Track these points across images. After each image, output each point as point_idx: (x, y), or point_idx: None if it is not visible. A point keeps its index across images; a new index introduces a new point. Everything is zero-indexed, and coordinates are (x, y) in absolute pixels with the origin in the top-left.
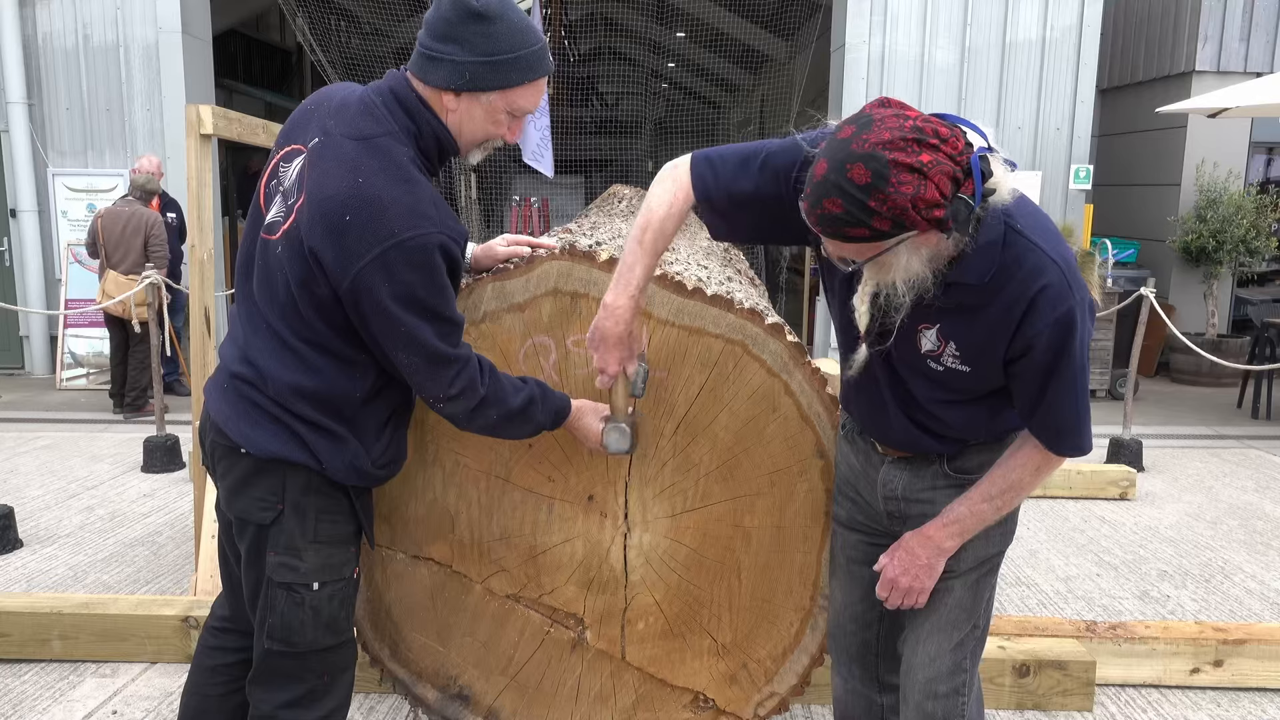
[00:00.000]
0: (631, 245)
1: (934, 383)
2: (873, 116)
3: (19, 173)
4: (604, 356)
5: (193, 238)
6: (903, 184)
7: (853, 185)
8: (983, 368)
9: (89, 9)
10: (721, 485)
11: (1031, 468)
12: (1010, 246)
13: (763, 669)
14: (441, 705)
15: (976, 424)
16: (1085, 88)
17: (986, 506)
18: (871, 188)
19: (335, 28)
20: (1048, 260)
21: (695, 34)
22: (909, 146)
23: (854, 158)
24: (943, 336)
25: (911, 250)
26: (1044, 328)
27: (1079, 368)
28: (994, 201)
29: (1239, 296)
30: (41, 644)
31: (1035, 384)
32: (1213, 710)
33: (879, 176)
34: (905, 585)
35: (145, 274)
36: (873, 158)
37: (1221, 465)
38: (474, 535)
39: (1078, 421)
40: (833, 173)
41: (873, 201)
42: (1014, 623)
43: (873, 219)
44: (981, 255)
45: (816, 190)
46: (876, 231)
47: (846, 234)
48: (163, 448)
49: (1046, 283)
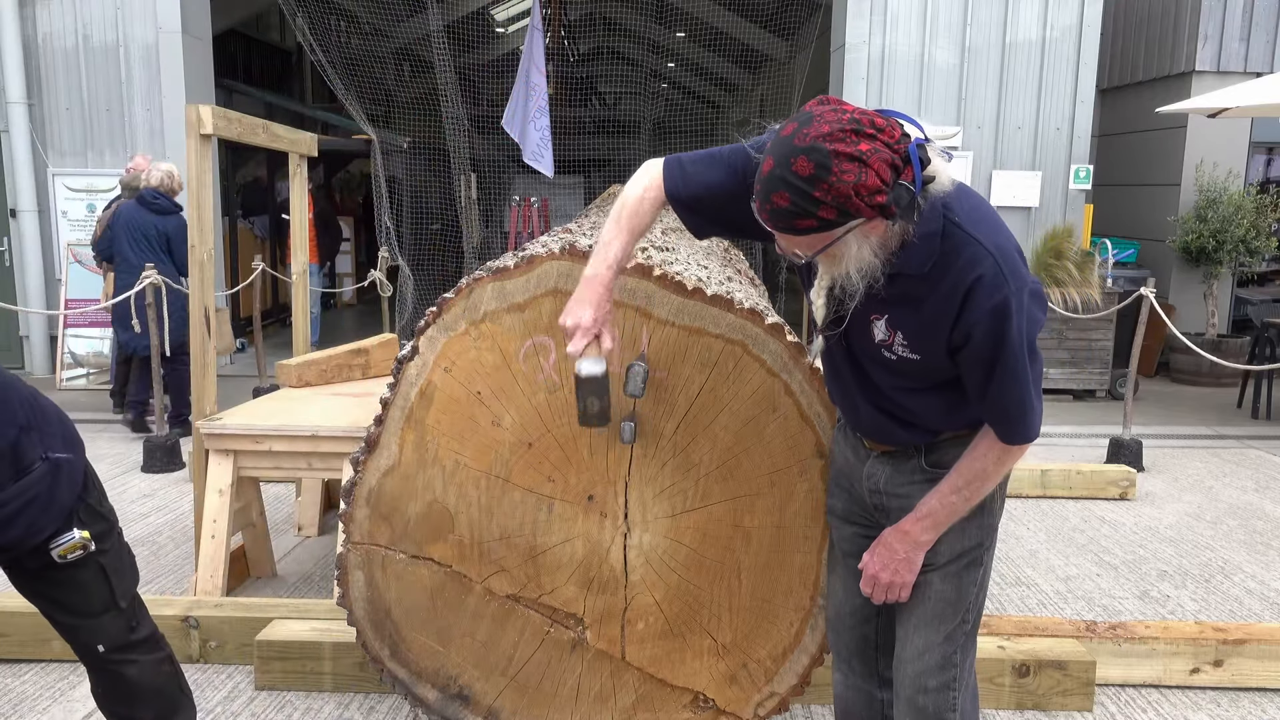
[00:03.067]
0: (609, 225)
1: (890, 371)
2: (812, 113)
3: (19, 173)
4: (577, 313)
5: (193, 238)
6: (845, 173)
7: (797, 178)
8: (931, 356)
9: (89, 9)
10: (721, 485)
11: (993, 457)
12: (948, 238)
13: (763, 669)
14: (441, 705)
15: (937, 412)
16: (1085, 88)
17: (956, 498)
18: (815, 178)
19: (335, 28)
20: (984, 251)
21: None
22: (848, 137)
23: (796, 151)
24: (891, 326)
25: (860, 239)
26: (980, 317)
27: (1019, 356)
28: (933, 189)
29: (1239, 296)
30: (41, 644)
31: (980, 373)
32: (1213, 710)
33: (821, 167)
34: (886, 580)
35: (145, 274)
36: (814, 150)
37: (1221, 465)
38: (474, 535)
39: (1023, 409)
40: (778, 168)
41: (817, 192)
42: (1014, 623)
43: (819, 209)
44: (921, 246)
45: (765, 186)
46: (824, 221)
47: (796, 226)
48: (163, 448)
49: (981, 273)
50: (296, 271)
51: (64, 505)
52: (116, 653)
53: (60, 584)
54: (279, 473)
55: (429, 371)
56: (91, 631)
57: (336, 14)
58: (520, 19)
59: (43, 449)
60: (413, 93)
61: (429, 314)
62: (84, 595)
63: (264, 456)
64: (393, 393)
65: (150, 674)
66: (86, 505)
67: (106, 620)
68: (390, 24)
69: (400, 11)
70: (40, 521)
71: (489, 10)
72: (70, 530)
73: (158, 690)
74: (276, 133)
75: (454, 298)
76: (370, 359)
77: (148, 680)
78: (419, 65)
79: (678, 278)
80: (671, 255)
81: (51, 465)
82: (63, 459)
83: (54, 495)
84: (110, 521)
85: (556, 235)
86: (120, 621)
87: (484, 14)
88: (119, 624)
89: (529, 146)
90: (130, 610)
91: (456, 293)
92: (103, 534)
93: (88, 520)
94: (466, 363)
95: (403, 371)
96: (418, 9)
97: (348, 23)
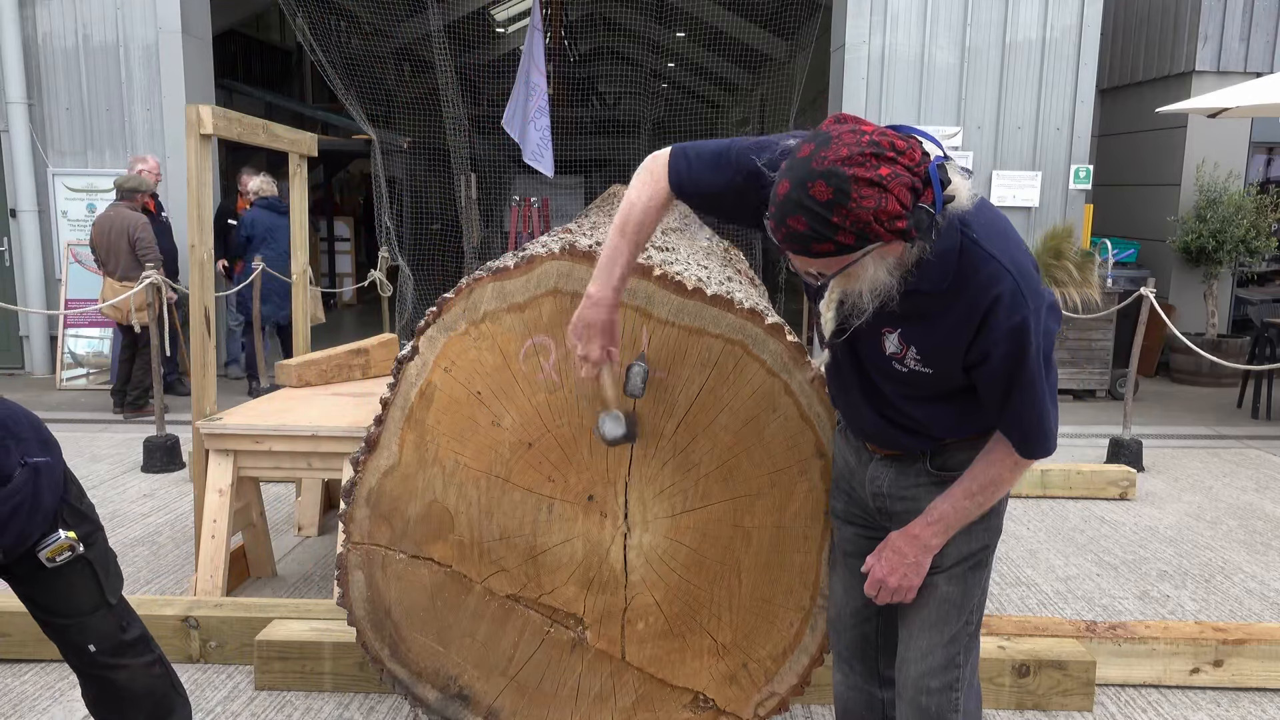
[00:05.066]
0: (613, 237)
1: (900, 382)
2: (830, 134)
3: (19, 173)
4: (587, 345)
5: (193, 238)
6: (864, 199)
7: (815, 203)
8: (944, 370)
9: (89, 9)
10: (721, 485)
11: (1009, 464)
12: (966, 254)
13: (763, 669)
14: (441, 705)
15: (945, 422)
16: (1085, 88)
17: (969, 503)
18: (834, 204)
19: (335, 28)
20: (1002, 270)
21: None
22: (868, 161)
23: (814, 175)
24: (904, 341)
25: (877, 261)
26: (999, 337)
27: (1037, 374)
28: (953, 208)
29: (1239, 296)
30: (41, 644)
31: (997, 390)
32: (1213, 710)
33: (840, 193)
34: (894, 585)
35: (145, 275)
36: (833, 174)
37: (1221, 465)
38: (474, 535)
39: (1041, 426)
40: (795, 190)
41: (835, 217)
42: (1014, 623)
43: (837, 234)
44: (938, 263)
45: (781, 209)
46: (841, 246)
47: (812, 249)
48: (163, 448)
49: (1000, 292)
50: (296, 271)
51: (48, 508)
52: (107, 655)
53: (51, 587)
54: (279, 473)
55: (429, 371)
56: (82, 630)
57: (336, 14)
58: (520, 19)
59: (20, 455)
60: (413, 93)
61: (429, 314)
62: (74, 595)
63: (264, 456)
64: (393, 393)
65: (141, 678)
66: (69, 506)
67: (97, 619)
68: (390, 24)
69: (400, 11)
70: (28, 528)
71: (489, 10)
72: (56, 532)
73: (149, 692)
74: (276, 133)
75: (454, 298)
76: (370, 359)
77: (139, 684)
78: (419, 65)
79: (678, 278)
80: (671, 255)
81: (31, 471)
82: (41, 463)
83: (38, 500)
84: (93, 520)
85: (556, 235)
86: (111, 620)
87: (484, 14)
88: (110, 623)
89: (529, 146)
90: (120, 608)
91: (456, 293)
92: (88, 533)
93: (72, 521)
94: (466, 363)
95: (403, 371)
96: (418, 9)
97: (348, 23)
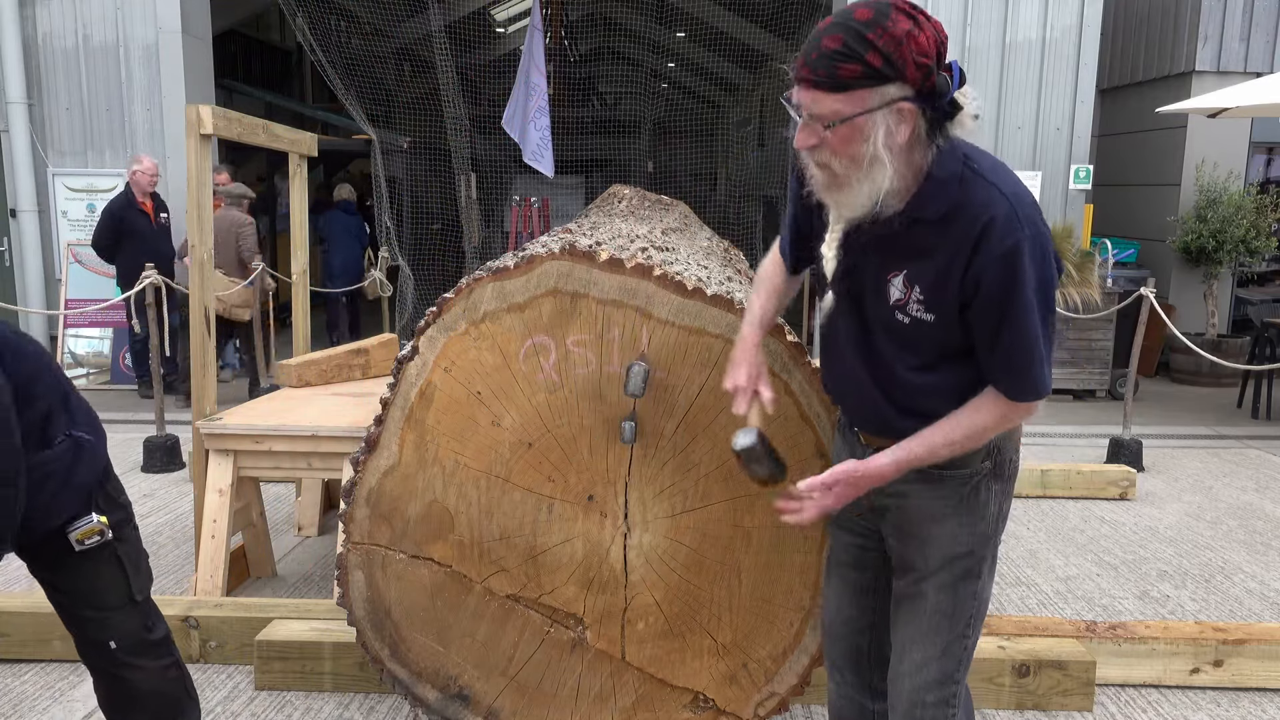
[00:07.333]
0: (750, 295)
1: (900, 340)
2: None
3: (19, 173)
4: (732, 374)
5: (192, 238)
6: (899, 23)
7: (855, 20)
8: (944, 314)
9: (89, 9)
10: (721, 485)
11: (997, 414)
12: (966, 183)
13: (763, 669)
14: (441, 705)
15: (941, 394)
16: (1085, 88)
17: (946, 451)
18: (873, 22)
19: (335, 28)
20: (999, 195)
21: (695, 34)
22: (907, 6)
23: (858, 5)
24: (908, 282)
25: (887, 133)
26: (990, 262)
27: (1030, 305)
28: (957, 135)
29: (1239, 296)
30: (42, 644)
31: (989, 323)
32: (1213, 710)
33: (880, 14)
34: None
35: (144, 275)
36: (877, 3)
37: (1221, 465)
38: (474, 535)
39: (1031, 360)
40: (838, 16)
41: (871, 34)
42: (1014, 623)
43: (868, 52)
44: (939, 188)
45: (816, 34)
46: (868, 70)
47: (839, 72)
48: (163, 448)
49: (993, 215)
50: (296, 271)
51: (83, 486)
52: (127, 653)
53: (77, 572)
54: (279, 473)
55: (429, 371)
56: (104, 626)
57: (336, 14)
58: (520, 19)
59: (66, 426)
60: (413, 93)
61: (429, 314)
62: (99, 584)
63: (264, 456)
64: (393, 393)
65: (156, 680)
66: (106, 493)
67: (121, 615)
68: (390, 24)
69: (400, 11)
70: (58, 500)
71: (489, 10)
72: (89, 514)
73: (162, 694)
74: (276, 133)
75: (454, 298)
76: (370, 359)
77: (152, 686)
78: (419, 65)
79: (678, 278)
80: (671, 255)
81: (74, 443)
82: (85, 439)
83: (72, 473)
84: (128, 512)
85: (556, 235)
86: (137, 618)
87: (484, 14)
88: (135, 621)
89: (529, 146)
90: (147, 607)
91: (456, 293)
92: (120, 523)
93: (106, 507)
94: (466, 363)
95: (403, 371)
96: (418, 9)
97: (348, 23)
